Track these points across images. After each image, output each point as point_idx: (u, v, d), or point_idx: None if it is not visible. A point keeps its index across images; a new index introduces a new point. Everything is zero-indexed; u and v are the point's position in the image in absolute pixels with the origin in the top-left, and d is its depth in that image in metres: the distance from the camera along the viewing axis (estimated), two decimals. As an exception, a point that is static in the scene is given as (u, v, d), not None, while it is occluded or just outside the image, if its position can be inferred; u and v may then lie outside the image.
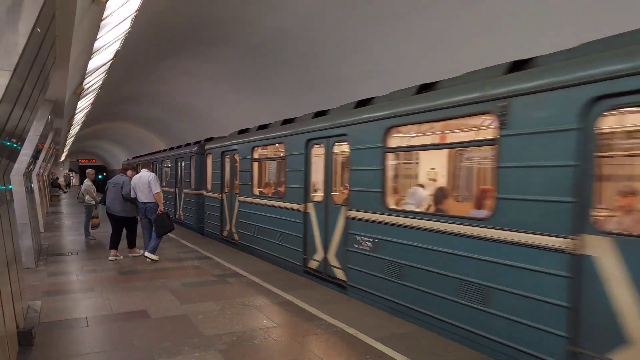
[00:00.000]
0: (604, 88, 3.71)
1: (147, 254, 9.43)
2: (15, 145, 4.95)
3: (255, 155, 10.63)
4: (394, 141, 6.32)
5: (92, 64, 10.06)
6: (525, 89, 4.39)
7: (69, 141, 32.57)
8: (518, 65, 4.80)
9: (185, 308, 6.22)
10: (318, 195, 8.11)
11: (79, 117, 20.18)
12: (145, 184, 9.35)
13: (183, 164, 16.57)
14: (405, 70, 10.69)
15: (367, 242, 6.55)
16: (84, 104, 16.69)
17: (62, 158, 45.33)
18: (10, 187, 5.76)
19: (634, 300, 3.52)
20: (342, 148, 7.47)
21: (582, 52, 4.13)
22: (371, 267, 6.50)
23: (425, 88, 6.04)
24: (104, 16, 7.16)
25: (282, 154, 9.38)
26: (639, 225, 3.96)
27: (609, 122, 4.12)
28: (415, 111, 5.72)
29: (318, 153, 8.05)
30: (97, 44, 8.60)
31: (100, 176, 48.82)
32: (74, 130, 26.01)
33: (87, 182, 12.71)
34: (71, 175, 61.64)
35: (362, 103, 7.25)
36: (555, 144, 4.06)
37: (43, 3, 3.34)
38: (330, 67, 12.69)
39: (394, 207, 6.32)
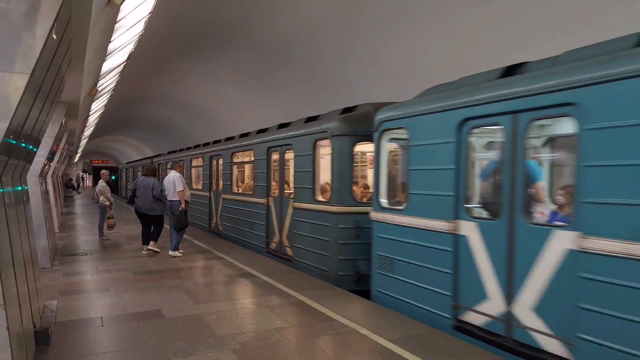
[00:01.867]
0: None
1: (170, 253, 10.08)
2: (31, 147, 5.02)
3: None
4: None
5: (106, 66, 10.17)
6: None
7: (83, 142, 32.91)
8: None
9: (199, 308, 6.25)
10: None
11: (92, 119, 20.39)
12: (171, 183, 10.14)
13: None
14: (414, 72, 10.66)
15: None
16: (97, 106, 16.87)
17: (76, 159, 45.84)
18: (26, 187, 5.83)
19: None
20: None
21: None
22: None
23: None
24: (118, 18, 7.23)
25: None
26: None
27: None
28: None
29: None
30: (111, 46, 8.70)
31: (113, 177, 49.17)
32: (88, 131, 26.28)
33: (102, 183, 12.85)
34: (84, 176, 62.25)
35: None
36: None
37: (60, 6, 3.37)
38: (339, 68, 12.70)
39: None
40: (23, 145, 4.33)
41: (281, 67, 14.40)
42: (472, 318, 5.16)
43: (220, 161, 13.58)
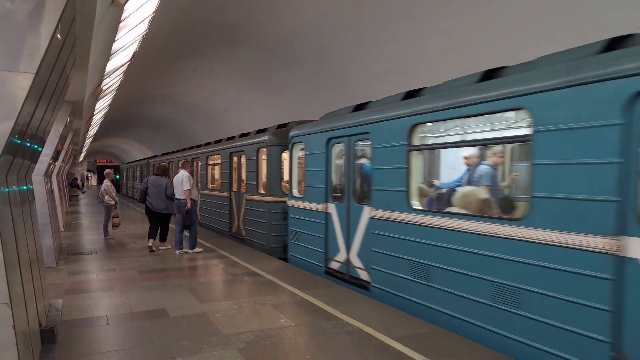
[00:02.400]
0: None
1: (190, 251, 10.46)
2: (36, 146, 5.04)
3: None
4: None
5: (110, 66, 10.18)
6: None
7: (87, 142, 33.02)
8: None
9: (204, 306, 6.27)
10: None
11: (97, 118, 20.44)
12: (180, 182, 10.34)
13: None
14: (417, 71, 10.64)
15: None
16: (102, 105, 16.91)
17: (81, 158, 45.99)
18: (31, 187, 5.86)
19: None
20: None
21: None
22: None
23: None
24: (122, 18, 7.23)
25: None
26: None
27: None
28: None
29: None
30: (115, 46, 8.70)
31: (117, 176, 49.32)
32: (92, 131, 26.36)
33: (107, 183, 12.91)
34: (89, 175, 62.45)
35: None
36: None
37: (64, 6, 3.38)
38: (344, 68, 12.68)
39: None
40: (28, 144, 4.35)
41: (284, 67, 14.40)
42: (333, 264, 8.06)
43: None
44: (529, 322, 4.38)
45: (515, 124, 5.27)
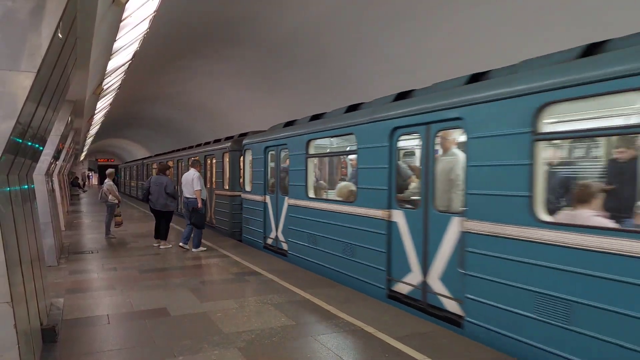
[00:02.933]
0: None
1: (194, 250, 10.55)
2: (37, 145, 5.04)
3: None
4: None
5: (111, 65, 10.19)
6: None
7: (88, 141, 33.04)
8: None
9: (205, 306, 6.27)
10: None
11: (98, 117, 20.45)
12: (189, 181, 10.49)
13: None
14: (419, 70, 10.63)
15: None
16: (103, 104, 16.92)
17: (82, 157, 46.01)
18: (32, 186, 5.86)
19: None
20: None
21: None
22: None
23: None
24: (123, 17, 7.23)
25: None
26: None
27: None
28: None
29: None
30: (116, 45, 8.71)
31: (117, 175, 49.33)
32: (93, 130, 26.37)
33: (109, 182, 12.91)
34: (90, 174, 62.48)
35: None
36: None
37: (65, 5, 3.38)
38: (345, 67, 12.67)
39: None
40: (29, 143, 4.36)
41: (285, 67, 14.39)
42: (268, 241, 10.62)
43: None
44: (350, 263, 7.35)
45: (352, 143, 7.63)
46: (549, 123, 4.50)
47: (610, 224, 4.03)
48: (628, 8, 6.61)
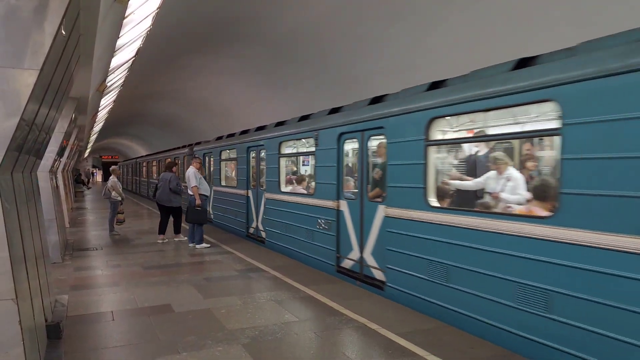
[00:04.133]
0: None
1: (197, 247, 10.61)
2: (41, 142, 5.05)
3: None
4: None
5: (114, 62, 10.19)
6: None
7: (92, 138, 33.11)
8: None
9: (209, 302, 6.29)
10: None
11: (102, 114, 20.49)
12: (188, 179, 10.84)
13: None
14: (422, 67, 10.58)
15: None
16: (106, 101, 16.95)
17: (86, 154, 46.14)
18: (37, 183, 5.87)
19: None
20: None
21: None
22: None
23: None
24: (126, 14, 7.24)
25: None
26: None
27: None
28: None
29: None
30: (119, 42, 8.71)
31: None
32: (97, 127, 26.43)
33: (113, 179, 12.94)
34: (94, 171, 62.66)
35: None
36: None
37: (68, 2, 3.38)
38: (348, 64, 12.64)
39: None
40: (33, 141, 4.36)
41: (289, 64, 14.37)
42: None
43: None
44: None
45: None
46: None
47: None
48: (628, 8, 6.56)
